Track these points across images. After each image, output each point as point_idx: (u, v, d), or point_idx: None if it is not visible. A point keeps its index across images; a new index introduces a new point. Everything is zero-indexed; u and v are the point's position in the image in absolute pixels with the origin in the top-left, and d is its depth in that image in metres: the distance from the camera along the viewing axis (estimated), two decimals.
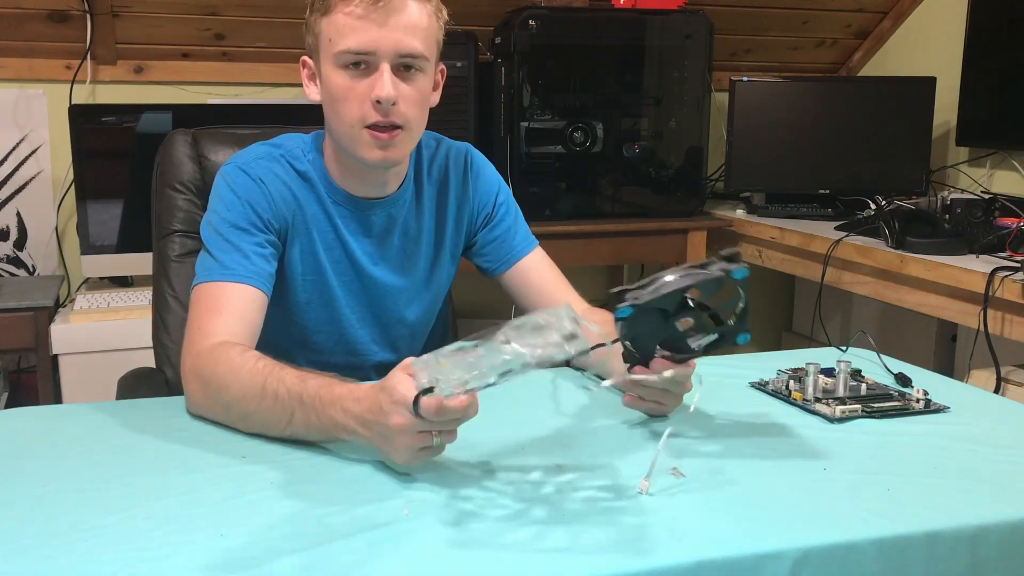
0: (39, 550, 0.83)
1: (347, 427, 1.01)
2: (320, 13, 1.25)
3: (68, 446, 1.08)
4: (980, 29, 2.79)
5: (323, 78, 1.27)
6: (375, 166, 1.31)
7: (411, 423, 0.94)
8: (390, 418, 0.95)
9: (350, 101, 1.25)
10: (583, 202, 2.78)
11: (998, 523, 0.93)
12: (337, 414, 1.02)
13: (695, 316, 1.07)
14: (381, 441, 0.98)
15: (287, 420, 1.06)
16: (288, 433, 1.07)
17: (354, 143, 1.27)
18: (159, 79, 2.82)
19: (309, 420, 1.05)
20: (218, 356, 1.14)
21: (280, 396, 1.06)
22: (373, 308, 1.41)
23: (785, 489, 0.98)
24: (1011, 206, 2.42)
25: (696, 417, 1.19)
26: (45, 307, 2.43)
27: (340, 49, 1.23)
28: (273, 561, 0.81)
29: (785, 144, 2.90)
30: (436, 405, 0.92)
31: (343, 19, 1.22)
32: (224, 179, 1.33)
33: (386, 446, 0.98)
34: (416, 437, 0.96)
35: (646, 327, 1.06)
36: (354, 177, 1.35)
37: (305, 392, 1.05)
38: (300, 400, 1.05)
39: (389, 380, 0.97)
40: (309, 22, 1.28)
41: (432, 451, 0.98)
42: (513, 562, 0.82)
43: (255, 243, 1.28)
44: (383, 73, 1.22)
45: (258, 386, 1.08)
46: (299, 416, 1.05)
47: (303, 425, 1.05)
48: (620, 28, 2.76)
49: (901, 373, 1.37)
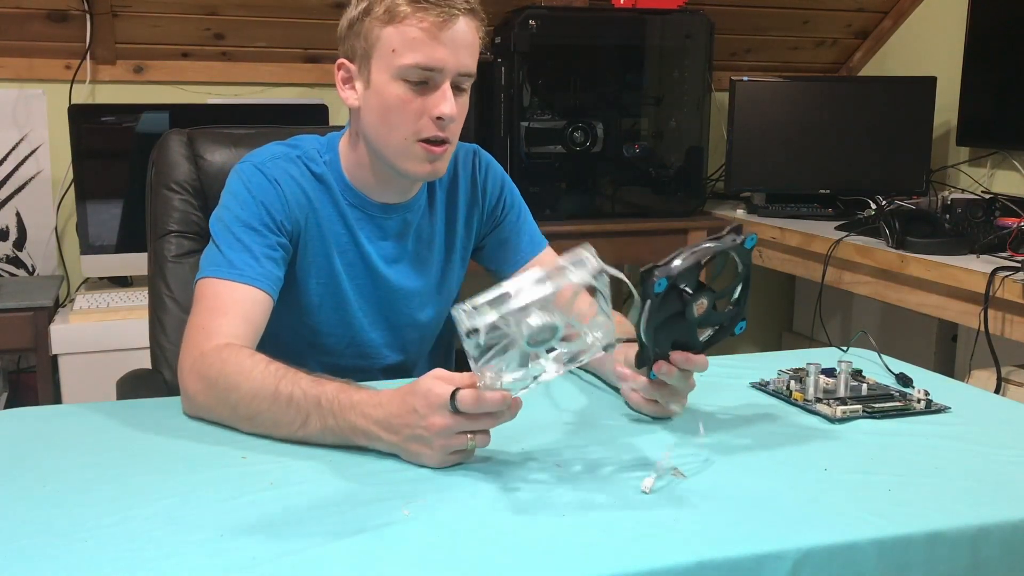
0: (39, 550, 0.83)
1: (368, 432, 1.02)
2: (383, 21, 1.22)
3: (68, 446, 1.08)
4: (980, 29, 2.79)
5: (375, 86, 1.25)
6: (420, 178, 1.32)
7: (451, 422, 0.96)
8: (427, 419, 0.96)
9: (407, 114, 1.24)
10: (583, 202, 2.78)
11: (999, 523, 0.93)
12: (357, 419, 1.02)
13: (708, 297, 1.09)
14: (412, 443, 0.99)
15: (301, 422, 1.06)
16: (300, 435, 1.07)
17: (403, 155, 1.27)
18: (159, 79, 2.82)
19: (326, 423, 1.04)
20: (226, 357, 1.14)
21: (295, 398, 1.06)
22: (385, 311, 1.40)
23: (785, 489, 0.98)
24: (1011, 206, 2.42)
25: (697, 417, 1.19)
26: (45, 307, 2.43)
27: (408, 63, 1.21)
28: (273, 561, 0.81)
29: (785, 144, 2.90)
30: (473, 397, 0.94)
31: (415, 32, 1.21)
32: (239, 176, 1.32)
33: (418, 448, 0.99)
34: (454, 438, 0.97)
35: (665, 313, 1.07)
36: (381, 184, 1.34)
37: (323, 395, 1.05)
38: (317, 403, 1.05)
39: (421, 384, 0.98)
40: (360, 27, 1.25)
41: (464, 454, 0.99)
42: (513, 562, 0.82)
43: (266, 244, 1.28)
44: (446, 91, 1.23)
45: (271, 387, 1.08)
46: (315, 419, 1.05)
47: (318, 428, 1.05)
48: (620, 28, 2.76)
49: (902, 373, 1.37)
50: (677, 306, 1.07)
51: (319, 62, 2.94)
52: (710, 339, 1.12)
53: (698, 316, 1.09)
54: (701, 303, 1.08)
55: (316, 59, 2.93)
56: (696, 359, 1.11)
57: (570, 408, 1.24)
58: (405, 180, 1.33)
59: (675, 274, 1.04)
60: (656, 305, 1.05)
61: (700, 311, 1.09)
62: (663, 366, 1.10)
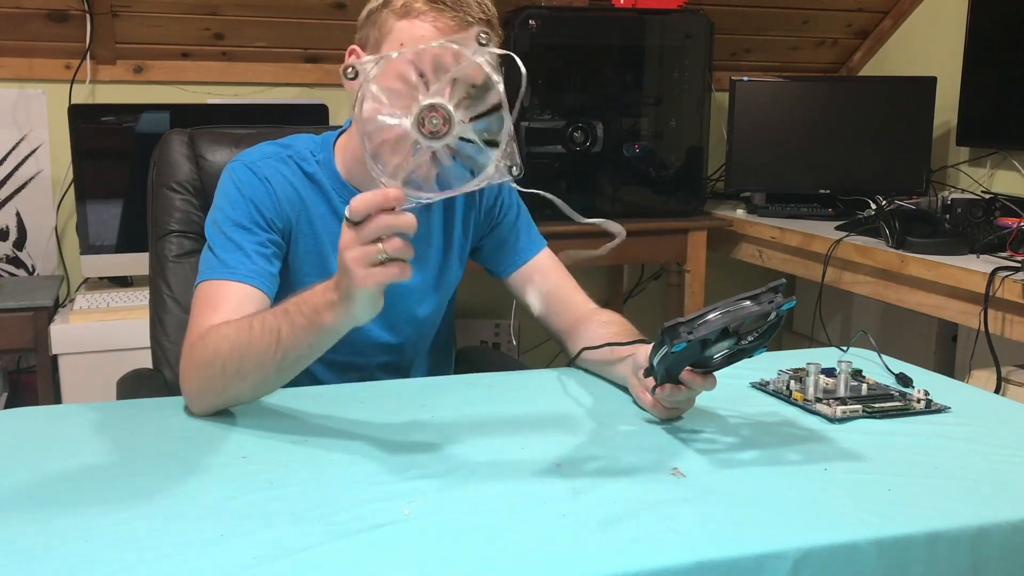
0: (39, 550, 0.83)
1: (327, 301, 1.04)
2: (398, 15, 1.23)
3: (68, 446, 1.08)
4: (980, 29, 2.79)
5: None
6: None
7: (349, 237, 0.96)
8: (339, 243, 0.98)
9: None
10: (583, 202, 2.76)
11: (999, 523, 0.93)
12: (315, 297, 1.06)
13: (730, 343, 1.08)
14: (342, 279, 1.00)
15: (276, 340, 1.09)
16: (280, 356, 1.09)
17: None
18: (159, 79, 2.82)
19: (294, 323, 1.07)
20: (207, 334, 1.17)
21: (266, 323, 1.10)
22: (383, 308, 1.40)
23: (785, 489, 0.98)
24: (1011, 206, 2.42)
25: (697, 417, 1.19)
26: (44, 307, 2.43)
27: None
28: (273, 561, 0.81)
29: (785, 144, 2.90)
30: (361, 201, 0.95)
31: (426, 29, 1.21)
32: (230, 176, 1.33)
33: (343, 281, 1.00)
34: (360, 251, 0.97)
35: (682, 356, 1.07)
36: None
37: (288, 304, 1.09)
38: (284, 312, 1.09)
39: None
40: (377, 17, 1.25)
41: (386, 272, 0.98)
42: (513, 562, 0.82)
43: (257, 242, 1.28)
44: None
45: (245, 328, 1.12)
46: (285, 328, 1.08)
47: (289, 333, 1.08)
48: (620, 28, 2.76)
49: (902, 373, 1.37)
50: (696, 350, 1.07)
51: (319, 62, 2.94)
52: (726, 360, 1.11)
53: (716, 354, 1.08)
54: (721, 346, 1.08)
55: (316, 59, 2.93)
56: (705, 380, 1.11)
57: (571, 408, 1.24)
58: None
59: (695, 338, 1.03)
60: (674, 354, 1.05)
61: (719, 352, 1.08)
62: (667, 388, 1.12)
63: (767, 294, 1.06)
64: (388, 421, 1.15)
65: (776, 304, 1.05)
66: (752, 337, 1.09)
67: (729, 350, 1.09)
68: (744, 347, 1.09)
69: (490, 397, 1.27)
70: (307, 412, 1.18)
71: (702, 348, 1.07)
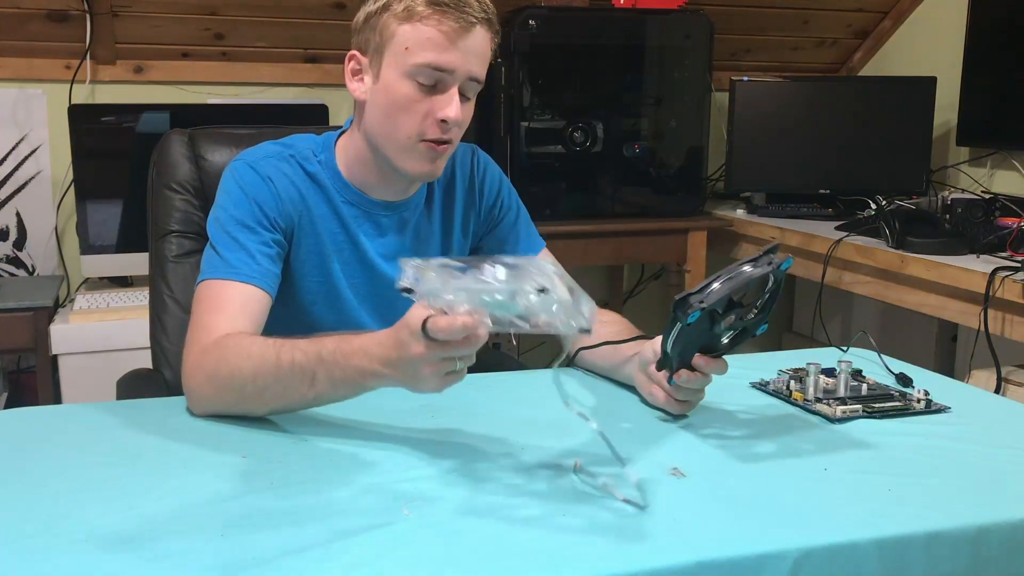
0: (39, 550, 0.83)
1: (374, 372, 1.02)
2: (400, 19, 1.22)
3: (68, 446, 1.08)
4: (980, 29, 2.79)
5: (384, 82, 1.25)
6: (419, 178, 1.32)
7: (429, 350, 0.96)
8: (411, 348, 0.97)
9: (413, 113, 1.24)
10: (583, 202, 2.78)
11: (999, 523, 0.93)
12: (362, 361, 1.03)
13: (736, 312, 1.10)
14: (408, 376, 1.00)
15: (309, 382, 1.07)
16: (311, 397, 1.08)
17: (404, 153, 1.27)
18: (159, 79, 2.82)
19: (333, 375, 1.05)
20: (223, 344, 1.15)
21: (297, 361, 1.07)
22: (382, 309, 1.40)
23: (785, 489, 0.98)
24: (1011, 206, 2.42)
25: (697, 417, 1.19)
26: (45, 307, 2.43)
27: (420, 62, 1.22)
28: (273, 561, 0.81)
29: (785, 144, 2.90)
30: (443, 322, 0.94)
31: (431, 32, 1.21)
32: (233, 175, 1.32)
33: (413, 379, 1.00)
34: (438, 363, 0.97)
35: (694, 332, 1.08)
36: (381, 182, 1.35)
37: (323, 349, 1.06)
38: (319, 358, 1.06)
39: (406, 316, 0.98)
40: (377, 21, 1.25)
41: (457, 376, 0.99)
42: (513, 562, 0.82)
43: (260, 242, 1.28)
44: (453, 95, 1.23)
45: (272, 357, 1.09)
46: (321, 375, 1.06)
47: (327, 382, 1.06)
48: (620, 28, 2.76)
49: (902, 373, 1.37)
50: (706, 325, 1.08)
51: (319, 62, 2.94)
52: (732, 341, 1.14)
53: (724, 328, 1.10)
54: (729, 318, 1.10)
55: (316, 59, 2.93)
56: (716, 364, 1.13)
57: (571, 408, 1.23)
58: (404, 178, 1.33)
59: (707, 306, 1.05)
60: (687, 329, 1.06)
61: (727, 324, 1.10)
62: (683, 374, 1.13)
63: (764, 257, 1.08)
64: (388, 422, 1.15)
65: (774, 264, 1.07)
66: (754, 313, 1.12)
67: (734, 329, 1.11)
68: (748, 324, 1.11)
69: (490, 397, 1.27)
70: (307, 412, 1.17)
71: (711, 323, 1.08)
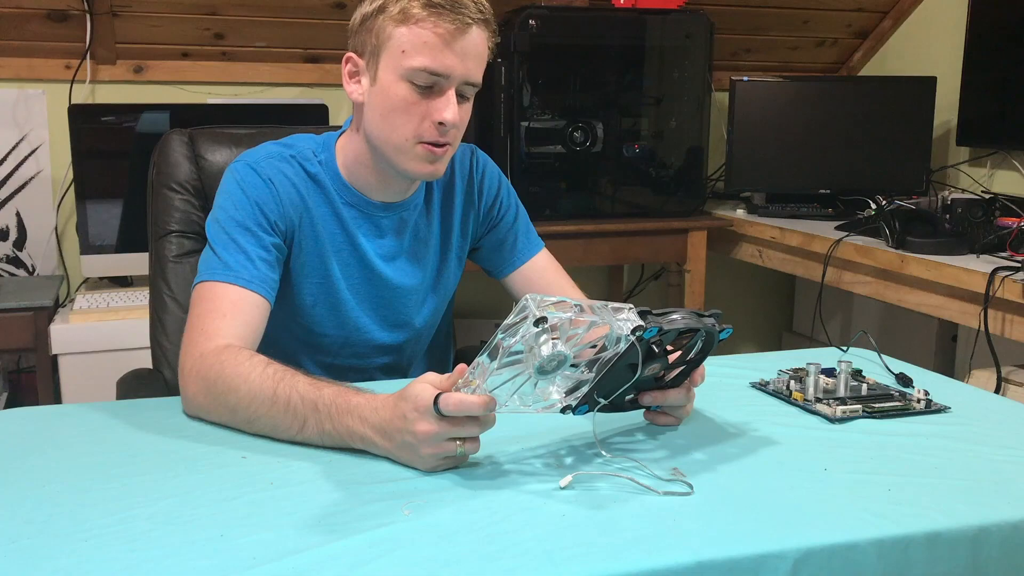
0: (39, 550, 0.83)
1: (364, 436, 1.02)
2: (396, 21, 1.23)
3: (68, 446, 1.08)
4: (980, 29, 2.79)
5: (380, 84, 1.26)
6: (420, 178, 1.33)
7: (437, 429, 0.95)
8: (415, 425, 0.96)
9: (410, 115, 1.24)
10: (583, 202, 2.78)
11: (999, 523, 0.93)
12: (354, 423, 1.02)
13: (662, 364, 1.09)
14: (403, 450, 0.99)
15: (299, 427, 1.06)
16: (299, 439, 1.07)
17: (402, 155, 1.27)
18: (159, 79, 2.82)
19: (323, 428, 1.05)
20: (224, 359, 1.14)
21: (292, 402, 1.06)
22: (382, 310, 1.40)
23: (785, 489, 0.98)
24: (1011, 206, 2.42)
25: (697, 417, 1.19)
26: (44, 307, 2.43)
27: (416, 65, 1.22)
28: (273, 561, 0.81)
29: (785, 144, 2.90)
30: (456, 401, 0.94)
31: (427, 35, 1.21)
32: (234, 176, 1.32)
33: (409, 455, 0.99)
34: (441, 445, 0.97)
35: (625, 360, 1.02)
36: (380, 182, 1.35)
37: (320, 400, 1.05)
38: (314, 407, 1.05)
39: (410, 389, 0.97)
40: (373, 24, 1.25)
41: (454, 460, 0.99)
42: (513, 562, 0.82)
43: (260, 246, 1.28)
44: (450, 97, 1.23)
45: (269, 391, 1.08)
46: (312, 423, 1.05)
47: (316, 432, 1.05)
48: (620, 28, 2.76)
49: (902, 373, 1.37)
50: (634, 358, 1.02)
51: (319, 62, 2.94)
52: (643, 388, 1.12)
53: (644, 374, 1.06)
54: (653, 367, 1.08)
55: (316, 59, 2.93)
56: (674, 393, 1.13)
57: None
58: (404, 179, 1.33)
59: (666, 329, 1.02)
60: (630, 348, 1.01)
61: (649, 372, 1.08)
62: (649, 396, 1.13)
63: (710, 318, 1.07)
64: None
65: (715, 328, 1.06)
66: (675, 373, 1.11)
67: (646, 383, 1.10)
68: (660, 383, 1.11)
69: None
70: None
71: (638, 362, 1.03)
